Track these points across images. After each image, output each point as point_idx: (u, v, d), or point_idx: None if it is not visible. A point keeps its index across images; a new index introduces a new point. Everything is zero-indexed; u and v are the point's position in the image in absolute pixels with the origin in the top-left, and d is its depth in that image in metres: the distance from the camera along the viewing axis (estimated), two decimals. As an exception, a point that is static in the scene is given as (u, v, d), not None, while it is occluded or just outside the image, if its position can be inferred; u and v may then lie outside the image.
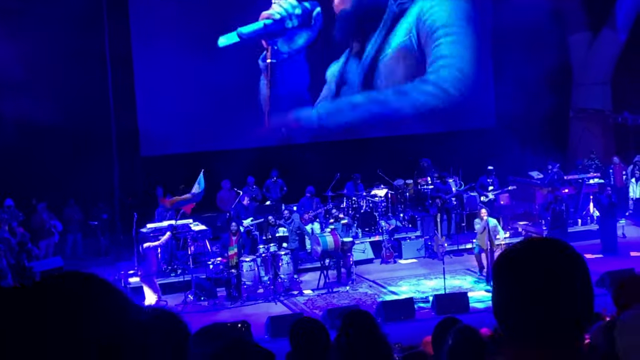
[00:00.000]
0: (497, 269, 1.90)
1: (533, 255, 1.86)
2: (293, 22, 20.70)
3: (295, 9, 20.71)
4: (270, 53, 20.72)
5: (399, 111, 22.21)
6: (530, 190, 20.06)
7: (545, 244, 1.92)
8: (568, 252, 1.87)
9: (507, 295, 1.85)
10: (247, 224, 17.29)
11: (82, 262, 18.36)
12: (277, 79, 20.95)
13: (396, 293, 15.55)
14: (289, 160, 20.22)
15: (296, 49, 21.00)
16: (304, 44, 21.04)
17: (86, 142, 18.98)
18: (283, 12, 20.64)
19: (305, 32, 20.97)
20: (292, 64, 21.05)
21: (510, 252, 1.90)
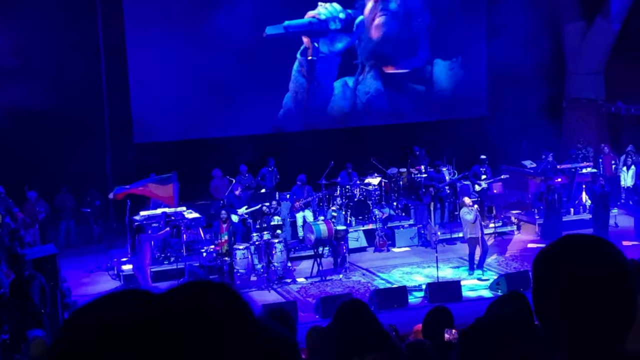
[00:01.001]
0: (540, 264, 1.86)
1: (581, 254, 1.83)
2: (336, 24, 21.33)
3: (340, 13, 21.34)
4: (312, 50, 21.26)
5: (393, 100, 22.22)
6: (523, 179, 20.11)
7: (588, 241, 1.87)
8: (611, 251, 1.84)
9: (547, 289, 1.82)
10: (242, 212, 17.29)
11: (75, 249, 18.36)
12: (315, 76, 21.54)
13: (389, 281, 15.59)
14: (281, 149, 20.20)
15: (335, 52, 21.57)
16: (342, 48, 21.61)
17: (79, 129, 18.91)
18: (328, 13, 21.26)
19: (345, 37, 21.55)
20: (325, 65, 21.60)
21: (552, 247, 1.87)
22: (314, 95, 21.61)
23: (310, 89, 21.52)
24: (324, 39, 21.41)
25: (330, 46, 21.49)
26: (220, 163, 19.41)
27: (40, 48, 18.53)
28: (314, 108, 21.65)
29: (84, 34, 18.84)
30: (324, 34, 21.38)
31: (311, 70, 21.40)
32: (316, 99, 21.65)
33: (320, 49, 21.43)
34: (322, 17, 21.22)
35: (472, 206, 15.59)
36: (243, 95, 21.06)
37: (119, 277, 16.23)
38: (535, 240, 18.12)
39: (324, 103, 21.78)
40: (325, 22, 21.27)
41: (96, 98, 19.42)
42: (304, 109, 21.59)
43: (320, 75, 21.55)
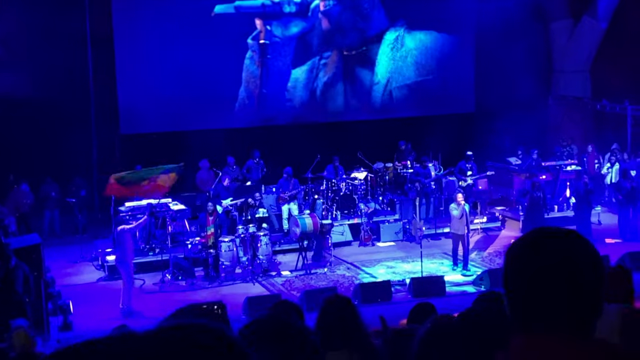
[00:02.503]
0: (512, 258, 1.91)
1: (547, 245, 1.87)
2: (291, 8, 20.95)
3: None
4: (264, 34, 20.84)
5: (380, 95, 22.25)
6: (508, 176, 20.21)
7: (559, 233, 1.92)
8: (582, 242, 1.89)
9: (520, 283, 1.87)
10: (226, 204, 17.28)
11: (59, 239, 18.31)
12: (267, 61, 21.06)
13: (374, 275, 15.64)
14: (268, 142, 20.21)
15: (289, 36, 21.18)
16: (297, 33, 21.24)
17: (65, 119, 18.83)
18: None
19: (300, 21, 21.18)
20: (280, 50, 21.13)
21: (523, 241, 1.92)
22: (267, 82, 21.12)
23: (262, 75, 21.04)
24: (277, 22, 20.98)
25: (285, 30, 21.07)
26: (207, 155, 19.39)
27: (26, 37, 18.42)
28: (269, 96, 21.21)
29: (71, 23, 18.74)
30: (277, 17, 20.94)
31: (263, 55, 20.93)
32: (270, 86, 21.17)
33: (274, 32, 21.02)
34: (275, 0, 20.89)
35: (460, 203, 15.62)
36: (229, 87, 21.04)
37: (103, 268, 16.20)
38: (519, 236, 18.18)
39: (278, 90, 21.33)
40: (278, 4, 20.84)
41: (82, 88, 19.35)
42: (258, 98, 21.16)
43: (274, 60, 21.05)
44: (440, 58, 22.51)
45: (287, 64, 21.34)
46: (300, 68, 21.61)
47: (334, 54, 21.85)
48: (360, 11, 21.72)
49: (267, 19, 20.84)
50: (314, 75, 21.72)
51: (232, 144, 19.93)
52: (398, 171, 20.15)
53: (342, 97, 22.08)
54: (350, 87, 22.08)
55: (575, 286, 1.82)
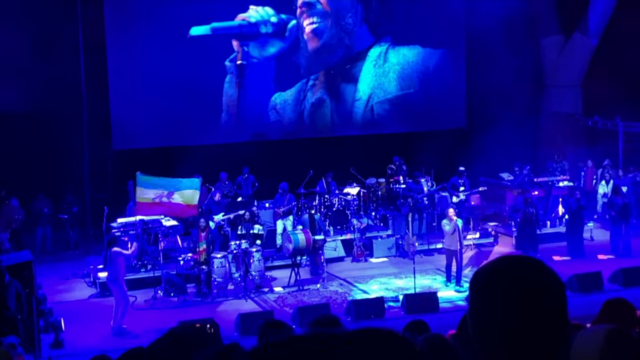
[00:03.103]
0: (474, 288, 1.93)
1: (511, 275, 1.89)
2: (267, 28, 20.90)
3: (272, 17, 20.93)
4: (241, 55, 20.79)
5: (372, 110, 22.29)
6: (500, 192, 20.24)
7: (523, 262, 1.95)
8: (545, 271, 1.91)
9: (484, 311, 1.89)
10: (218, 219, 17.24)
11: (51, 256, 18.21)
12: (245, 82, 21.02)
13: (366, 292, 15.61)
14: (262, 157, 20.20)
15: (267, 56, 21.13)
16: (275, 53, 21.18)
17: (57, 134, 18.80)
18: (259, 17, 20.82)
19: (278, 41, 21.14)
20: (258, 71, 21.11)
21: (488, 270, 1.93)
22: (245, 103, 21.08)
23: (240, 96, 21.00)
24: (254, 43, 20.97)
25: (262, 50, 21.06)
26: (200, 171, 19.36)
27: (18, 51, 18.38)
28: (249, 117, 21.18)
29: (64, 37, 18.76)
30: (254, 38, 20.92)
31: (241, 75, 20.92)
32: (248, 108, 21.14)
33: (251, 53, 20.98)
34: (252, 20, 20.77)
35: (452, 218, 15.63)
36: (220, 103, 21.07)
37: (95, 285, 16.10)
38: (512, 252, 18.23)
39: (258, 112, 21.28)
40: (255, 25, 20.81)
41: (75, 103, 19.32)
42: (236, 119, 21.12)
43: (252, 81, 21.05)
44: (427, 72, 22.56)
45: (267, 84, 21.32)
46: (289, 91, 21.66)
47: (321, 75, 21.92)
48: (345, 28, 21.78)
49: (244, 40, 20.84)
50: (302, 98, 21.77)
51: (225, 159, 19.92)
52: (391, 186, 20.17)
53: (329, 115, 22.09)
54: (335, 104, 22.13)
55: (538, 314, 1.85)
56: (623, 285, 15.14)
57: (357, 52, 22.13)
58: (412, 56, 22.48)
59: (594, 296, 14.57)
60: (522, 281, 1.88)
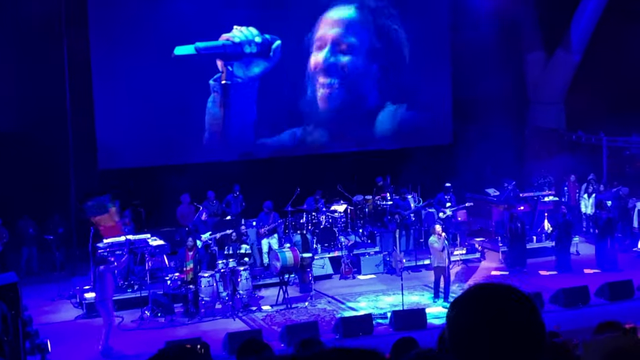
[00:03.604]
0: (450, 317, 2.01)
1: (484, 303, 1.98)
2: (252, 48, 20.93)
3: (256, 37, 20.97)
4: (226, 74, 20.83)
5: (359, 128, 22.38)
6: (486, 207, 20.32)
7: (497, 290, 2.02)
8: (520, 298, 1.98)
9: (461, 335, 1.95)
10: (206, 238, 17.20)
11: (37, 277, 18.09)
12: (229, 101, 21.02)
13: (355, 309, 15.59)
14: (248, 176, 20.19)
15: (251, 76, 21.15)
16: (259, 73, 21.21)
17: (42, 154, 18.72)
18: (243, 37, 20.87)
19: (262, 61, 21.18)
20: (242, 91, 21.13)
21: (462, 299, 2.02)
22: (230, 122, 21.08)
23: (225, 115, 21.01)
24: (239, 62, 21.04)
25: (246, 70, 21.10)
26: (188, 190, 19.33)
27: (3, 71, 18.35)
28: (233, 136, 21.19)
29: (49, 58, 18.72)
30: (238, 58, 20.98)
31: (225, 95, 20.94)
32: (232, 127, 21.15)
33: (235, 73, 21.02)
34: (236, 40, 20.84)
35: (441, 235, 15.67)
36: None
37: (81, 306, 16.00)
38: (499, 267, 18.29)
39: (241, 131, 21.27)
40: (239, 45, 20.87)
41: (60, 123, 19.24)
42: (220, 139, 21.12)
43: (236, 100, 21.07)
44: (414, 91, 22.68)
45: (251, 104, 21.28)
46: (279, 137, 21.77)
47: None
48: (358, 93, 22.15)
49: (229, 60, 20.88)
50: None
51: (212, 178, 19.90)
52: (378, 203, 20.20)
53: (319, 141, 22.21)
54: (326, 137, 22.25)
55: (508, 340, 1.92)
56: (609, 299, 15.21)
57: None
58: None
59: (581, 310, 14.65)
60: (492, 309, 1.95)
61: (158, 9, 19.97)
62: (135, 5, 19.92)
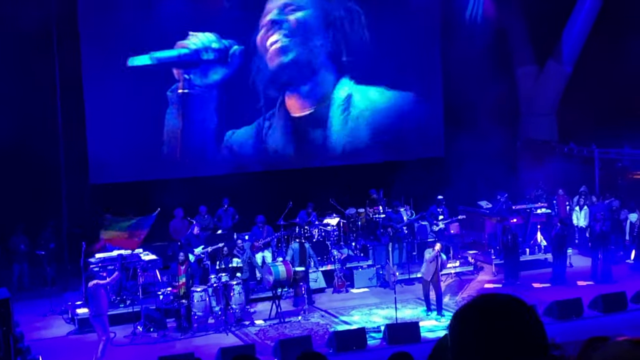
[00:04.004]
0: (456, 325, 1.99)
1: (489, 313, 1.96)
2: (209, 55, 20.45)
3: (213, 43, 20.50)
4: (183, 84, 20.38)
5: (351, 141, 22.38)
6: (479, 220, 20.33)
7: (500, 300, 2.00)
8: (522, 308, 1.97)
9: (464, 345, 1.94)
10: (198, 252, 17.14)
11: (28, 292, 17.98)
12: (188, 111, 20.56)
13: (348, 323, 15.53)
14: (241, 189, 20.16)
15: (210, 83, 20.69)
16: (219, 80, 20.75)
17: (34, 169, 18.66)
18: (200, 44, 20.39)
19: (221, 68, 20.70)
20: (202, 99, 20.71)
21: (467, 309, 1.99)
22: (190, 133, 20.61)
23: (184, 127, 20.55)
24: (196, 70, 20.52)
25: (205, 78, 20.64)
26: (180, 204, 19.28)
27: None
28: (191, 148, 20.75)
29: (40, 73, 18.68)
30: (195, 65, 20.49)
31: (184, 105, 20.43)
32: (192, 139, 20.69)
33: (193, 82, 20.54)
34: (192, 47, 20.36)
35: (435, 250, 15.61)
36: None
37: (73, 321, 15.91)
38: (493, 280, 18.27)
39: (201, 141, 20.84)
40: (196, 52, 20.37)
41: (52, 138, 19.20)
42: (180, 151, 20.67)
43: (196, 109, 20.62)
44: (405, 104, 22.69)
45: (211, 112, 20.84)
46: (245, 128, 21.35)
47: (279, 114, 21.56)
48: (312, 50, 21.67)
49: (186, 68, 20.39)
50: (264, 136, 21.57)
51: (204, 192, 19.86)
52: (370, 216, 20.17)
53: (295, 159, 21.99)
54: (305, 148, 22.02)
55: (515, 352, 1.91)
56: (603, 311, 15.20)
57: (322, 95, 22.04)
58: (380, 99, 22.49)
59: (574, 322, 14.63)
60: (495, 320, 1.94)
61: (151, 24, 19.97)
62: (127, 20, 19.91)
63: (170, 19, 20.06)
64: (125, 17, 19.92)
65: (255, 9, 21.08)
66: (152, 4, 20.12)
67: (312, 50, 21.59)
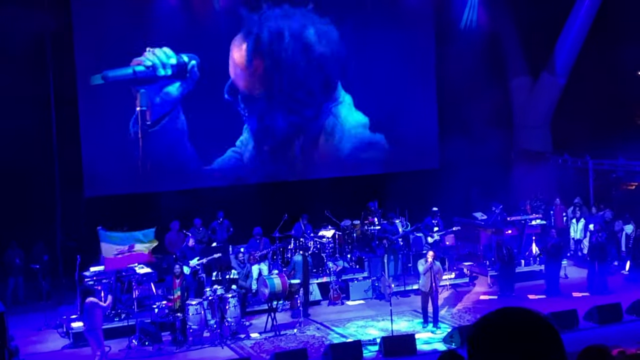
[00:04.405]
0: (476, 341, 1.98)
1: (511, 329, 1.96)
2: (166, 71, 20.15)
3: (170, 58, 20.22)
4: (140, 100, 20.07)
5: (346, 152, 22.41)
6: (474, 231, 20.34)
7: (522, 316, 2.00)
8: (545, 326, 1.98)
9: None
10: (194, 264, 17.10)
11: (23, 306, 17.93)
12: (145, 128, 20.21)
13: (344, 335, 15.51)
14: (236, 201, 20.16)
15: (169, 100, 20.41)
16: (178, 95, 20.49)
17: (28, 182, 18.64)
18: (156, 60, 20.12)
19: (179, 82, 20.43)
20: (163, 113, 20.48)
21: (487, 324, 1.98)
22: (150, 149, 20.24)
23: (144, 146, 20.14)
24: (153, 86, 20.12)
25: (162, 94, 20.28)
26: (175, 217, 19.26)
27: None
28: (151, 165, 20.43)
29: (35, 86, 18.69)
30: (152, 82, 20.13)
31: (143, 121, 20.08)
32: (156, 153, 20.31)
33: (151, 98, 20.15)
34: (147, 64, 20.04)
35: (427, 260, 15.61)
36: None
37: (68, 335, 15.84)
38: (488, 292, 18.27)
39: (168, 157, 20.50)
40: (152, 68, 20.04)
41: (46, 151, 19.20)
42: (142, 166, 20.38)
43: (160, 125, 20.35)
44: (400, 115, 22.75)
45: (177, 128, 20.59)
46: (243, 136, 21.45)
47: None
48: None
49: (142, 85, 20.06)
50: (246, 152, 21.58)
51: (199, 204, 19.85)
52: (365, 228, 20.18)
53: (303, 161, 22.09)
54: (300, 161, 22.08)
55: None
56: (598, 322, 15.21)
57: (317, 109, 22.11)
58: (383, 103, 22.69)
59: (570, 334, 14.62)
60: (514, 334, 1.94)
61: (145, 38, 20.01)
62: (122, 34, 19.94)
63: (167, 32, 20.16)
64: (120, 30, 19.95)
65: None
66: (147, 17, 20.16)
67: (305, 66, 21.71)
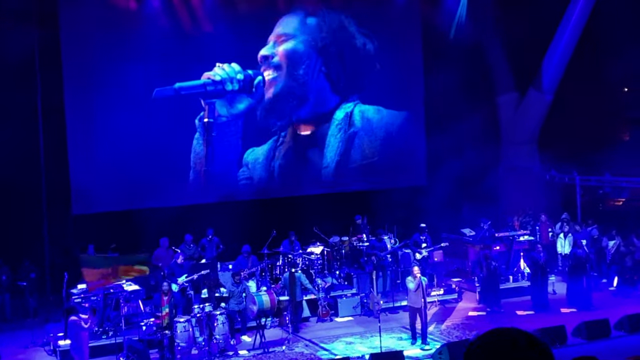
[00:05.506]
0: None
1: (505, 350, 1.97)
2: (234, 85, 20.92)
3: (238, 74, 20.97)
4: (208, 112, 20.81)
5: (334, 169, 22.46)
6: (462, 247, 20.38)
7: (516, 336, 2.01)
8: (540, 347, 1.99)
9: None
10: (182, 281, 17.03)
11: (10, 324, 17.80)
12: (213, 139, 21.03)
13: (333, 352, 15.47)
14: (225, 218, 20.13)
15: (236, 113, 21.19)
16: (244, 110, 21.25)
17: (15, 199, 18.55)
18: (225, 74, 20.86)
19: (246, 97, 21.21)
20: (226, 128, 21.18)
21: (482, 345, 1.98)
22: (213, 160, 21.04)
23: (208, 154, 20.95)
24: (221, 100, 20.99)
25: (230, 108, 21.09)
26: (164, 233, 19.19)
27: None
28: (215, 175, 21.12)
29: (22, 102, 18.66)
30: (220, 96, 20.93)
31: (208, 133, 20.84)
32: (216, 165, 21.10)
33: (219, 112, 20.97)
34: (217, 79, 20.81)
35: (416, 276, 15.62)
36: (183, 164, 21.03)
37: (55, 353, 15.72)
38: (476, 308, 18.28)
39: (227, 169, 21.26)
40: (220, 83, 20.81)
41: (34, 167, 19.14)
42: (204, 177, 21.02)
43: (220, 138, 21.03)
44: (390, 133, 22.86)
45: (236, 141, 21.34)
46: (262, 147, 21.80)
47: (289, 133, 22.00)
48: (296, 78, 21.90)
49: (211, 98, 20.84)
50: (272, 156, 21.91)
51: (189, 221, 19.81)
52: (354, 244, 20.18)
53: (296, 177, 22.19)
54: (303, 167, 22.26)
55: None
56: (587, 338, 15.24)
57: (322, 114, 22.33)
58: (376, 119, 22.79)
59: (558, 350, 14.63)
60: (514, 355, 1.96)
61: (134, 50, 20.03)
62: (110, 47, 19.94)
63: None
64: (108, 45, 19.95)
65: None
66: (134, 34, 20.19)
67: (304, 76, 21.83)
